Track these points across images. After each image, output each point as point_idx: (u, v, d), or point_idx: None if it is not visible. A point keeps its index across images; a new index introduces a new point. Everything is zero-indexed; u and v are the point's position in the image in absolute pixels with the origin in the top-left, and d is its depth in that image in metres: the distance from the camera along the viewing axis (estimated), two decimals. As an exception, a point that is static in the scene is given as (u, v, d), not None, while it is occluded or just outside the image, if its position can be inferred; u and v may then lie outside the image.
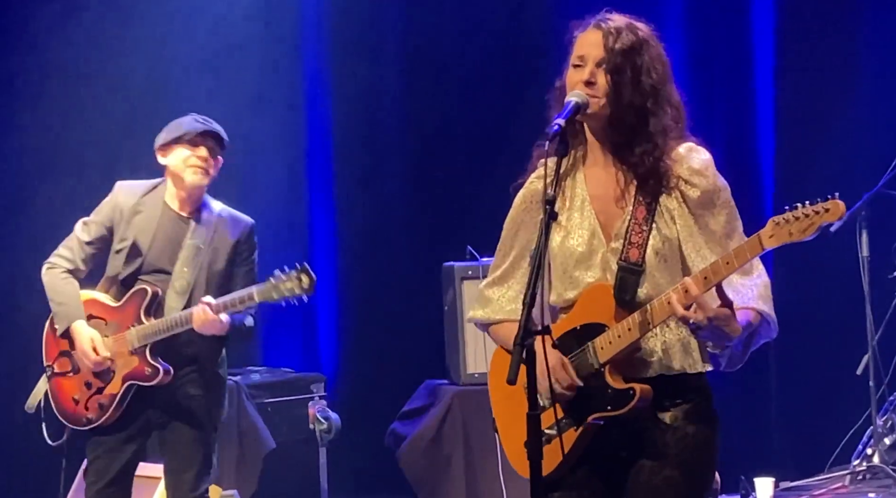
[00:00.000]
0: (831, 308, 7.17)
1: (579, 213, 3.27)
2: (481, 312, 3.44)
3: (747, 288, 3.17)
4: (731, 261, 3.03)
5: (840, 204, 2.95)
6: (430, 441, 6.37)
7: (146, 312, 4.73)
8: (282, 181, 7.66)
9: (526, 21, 7.20)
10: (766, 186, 7.39)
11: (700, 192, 3.20)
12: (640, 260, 3.17)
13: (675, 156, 3.21)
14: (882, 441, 6.57)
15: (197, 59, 7.34)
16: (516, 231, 3.38)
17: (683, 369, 3.19)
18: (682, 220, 3.20)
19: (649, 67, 3.19)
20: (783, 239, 2.98)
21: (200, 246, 4.78)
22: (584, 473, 3.24)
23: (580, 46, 3.21)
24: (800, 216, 2.97)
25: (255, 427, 6.45)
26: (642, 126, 3.18)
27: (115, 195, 4.87)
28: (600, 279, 3.21)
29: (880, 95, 7.22)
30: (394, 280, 7.66)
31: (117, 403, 4.74)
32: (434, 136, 7.70)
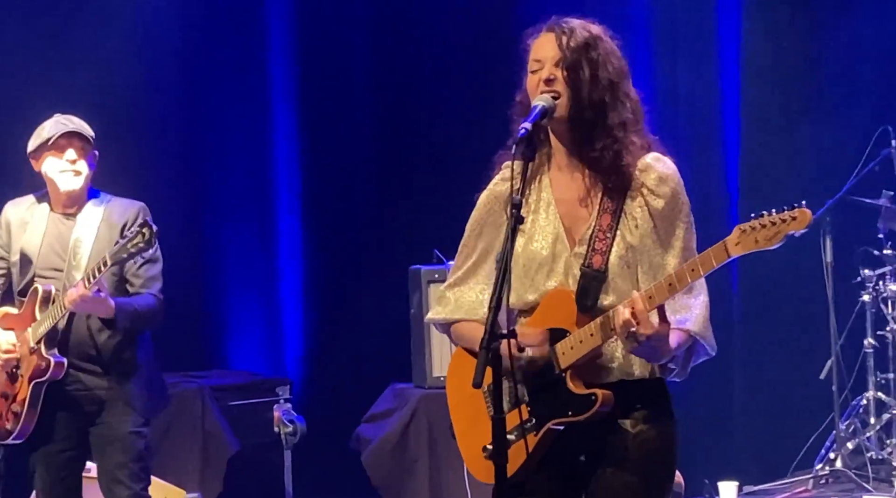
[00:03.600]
0: (795, 313, 7.21)
1: (544, 216, 3.28)
2: (441, 313, 3.44)
3: (687, 308, 3.18)
4: (696, 268, 3.04)
5: (807, 212, 2.96)
6: (396, 444, 6.36)
7: (40, 309, 4.74)
8: (249, 184, 7.64)
9: (494, 26, 7.20)
10: (730, 193, 7.42)
11: (664, 202, 3.21)
12: (603, 267, 3.18)
13: (642, 165, 3.22)
14: (845, 445, 6.61)
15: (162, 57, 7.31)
16: (479, 233, 3.39)
17: (643, 375, 3.21)
18: (644, 229, 3.21)
19: (605, 61, 3.21)
20: (749, 247, 2.99)
21: (88, 236, 4.76)
22: (545, 477, 3.25)
23: (535, 51, 3.24)
24: (766, 224, 2.98)
25: (219, 429, 6.43)
26: (601, 120, 3.20)
27: (3, 214, 4.93)
28: (562, 284, 3.22)
29: (844, 103, 7.27)
30: (360, 283, 7.65)
31: (28, 407, 4.71)
32: (401, 140, 7.70)
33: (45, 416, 4.75)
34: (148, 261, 4.77)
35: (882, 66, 7.29)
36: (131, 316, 4.72)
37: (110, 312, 4.65)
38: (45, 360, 4.69)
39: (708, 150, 7.45)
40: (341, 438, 6.80)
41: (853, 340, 6.80)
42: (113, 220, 4.82)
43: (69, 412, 4.78)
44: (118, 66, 7.06)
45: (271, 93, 7.73)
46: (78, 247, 4.78)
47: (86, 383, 4.78)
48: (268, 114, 7.73)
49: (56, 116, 4.88)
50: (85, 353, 4.77)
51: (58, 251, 4.80)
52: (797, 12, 7.39)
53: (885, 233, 6.69)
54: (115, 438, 4.78)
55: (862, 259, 6.74)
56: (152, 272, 4.84)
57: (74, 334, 4.75)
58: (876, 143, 6.73)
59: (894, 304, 6.62)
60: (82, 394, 4.78)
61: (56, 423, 4.77)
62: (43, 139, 4.79)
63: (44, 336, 4.70)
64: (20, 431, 4.74)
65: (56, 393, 4.74)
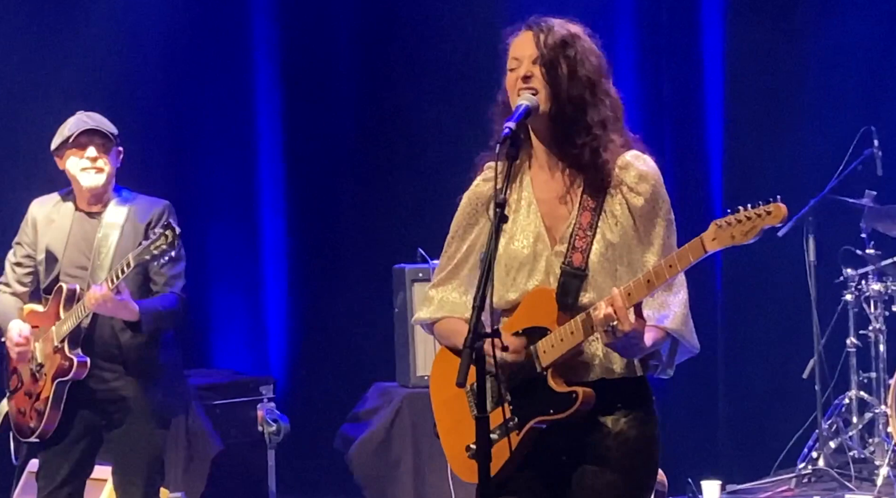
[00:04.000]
0: (778, 312, 7.23)
1: (525, 216, 3.29)
2: (425, 313, 3.45)
3: (666, 306, 3.19)
4: (673, 264, 3.05)
5: (782, 207, 2.96)
6: (380, 443, 6.36)
7: (64, 308, 4.74)
8: (232, 182, 7.63)
9: (478, 26, 7.20)
10: (714, 193, 7.44)
11: (644, 200, 3.22)
12: (584, 265, 3.19)
13: (622, 163, 3.23)
14: (827, 444, 6.64)
15: (146, 58, 7.29)
16: (462, 233, 3.39)
17: (624, 373, 3.22)
18: (624, 227, 3.22)
19: (583, 58, 3.22)
20: (725, 242, 3.00)
21: (112, 235, 4.77)
22: (528, 476, 3.25)
23: (514, 49, 3.25)
24: (742, 219, 2.99)
25: (202, 429, 6.42)
26: (581, 118, 3.21)
27: (30, 212, 4.96)
28: (543, 282, 3.23)
29: (827, 103, 7.29)
30: (344, 282, 7.65)
31: (52, 406, 4.72)
32: (385, 140, 7.70)
33: (65, 412, 4.75)
34: (171, 259, 4.76)
35: (865, 66, 7.31)
36: (155, 317, 4.73)
37: (134, 316, 4.66)
38: (69, 359, 4.69)
39: (692, 151, 7.47)
40: (325, 438, 6.80)
41: (836, 339, 6.82)
42: (137, 219, 4.83)
43: (89, 410, 4.79)
44: (102, 68, 7.05)
45: (255, 92, 7.72)
46: (102, 246, 4.78)
47: (108, 383, 4.77)
48: (251, 113, 7.72)
49: (78, 114, 4.90)
50: (108, 352, 4.77)
51: (83, 250, 4.81)
52: (781, 14, 7.41)
53: (867, 232, 6.71)
54: (131, 438, 4.78)
55: (844, 259, 6.76)
56: (175, 271, 4.85)
57: (98, 334, 4.75)
58: (859, 143, 6.75)
59: (877, 303, 6.65)
60: (103, 393, 4.78)
61: (74, 419, 4.77)
62: (64, 137, 4.81)
63: (67, 335, 4.70)
64: (43, 430, 4.75)
65: (78, 391, 4.75)
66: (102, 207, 4.86)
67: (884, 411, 6.48)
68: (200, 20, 7.45)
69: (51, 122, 6.87)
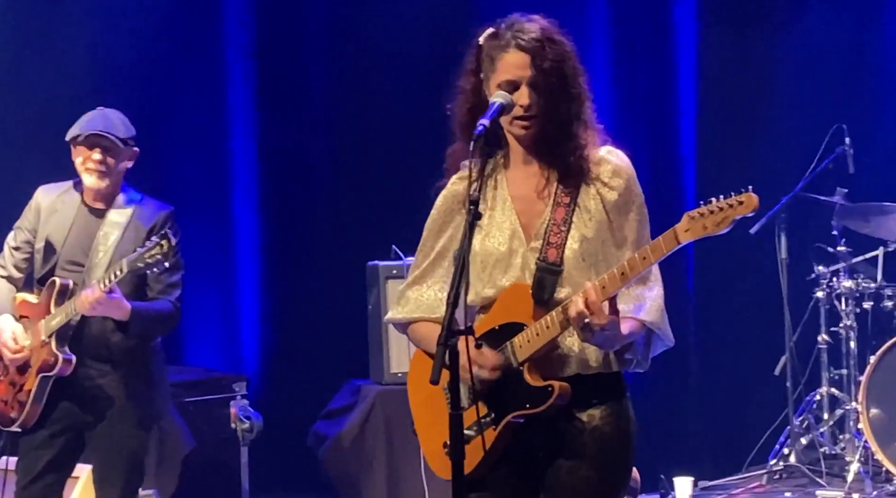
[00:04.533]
0: (750, 309, 7.26)
1: (500, 213, 3.30)
2: (400, 312, 3.44)
3: (642, 299, 3.20)
4: (647, 255, 3.06)
5: (753, 197, 2.99)
6: (353, 441, 6.36)
7: (56, 303, 4.72)
8: (206, 178, 7.60)
9: (451, 22, 7.20)
10: (687, 190, 7.47)
11: (618, 194, 3.23)
12: (559, 260, 3.20)
13: (595, 158, 3.25)
14: (798, 441, 6.67)
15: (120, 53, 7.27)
16: (437, 232, 3.39)
17: (600, 368, 3.23)
18: (597, 221, 3.23)
19: (573, 73, 3.23)
20: (698, 233, 3.02)
21: (113, 236, 4.75)
22: (504, 472, 3.26)
23: (507, 70, 3.20)
24: (714, 210, 3.01)
25: (175, 426, 6.40)
26: (567, 129, 3.22)
27: (35, 198, 4.92)
28: (519, 279, 3.24)
29: (798, 102, 7.33)
30: (318, 279, 7.64)
31: (34, 399, 4.70)
32: (359, 136, 7.68)
33: (48, 406, 4.73)
34: (169, 268, 4.74)
35: (836, 65, 7.36)
36: (146, 320, 4.71)
37: (125, 316, 4.64)
38: (54, 356, 4.67)
39: (665, 149, 7.50)
40: (299, 435, 6.79)
41: (807, 336, 6.86)
42: (140, 223, 4.80)
43: (72, 405, 4.75)
44: (74, 62, 7.02)
45: (228, 88, 7.70)
46: (101, 244, 4.75)
47: (94, 380, 4.75)
48: (225, 109, 7.69)
49: (98, 110, 4.88)
50: (97, 351, 4.74)
51: (83, 246, 4.78)
52: (753, 12, 7.44)
53: (838, 230, 6.75)
54: (113, 438, 4.75)
55: (816, 256, 6.79)
56: (172, 279, 4.82)
57: (88, 331, 4.72)
58: (830, 141, 6.78)
59: (848, 300, 6.68)
60: (89, 390, 4.75)
61: (57, 413, 4.74)
62: (75, 133, 4.78)
63: (56, 331, 4.67)
64: (23, 421, 4.72)
65: (63, 386, 4.72)
66: (108, 206, 4.83)
67: (854, 408, 6.51)
68: (174, 14, 7.42)
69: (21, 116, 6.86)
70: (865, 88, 7.32)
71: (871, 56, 7.36)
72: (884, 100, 7.31)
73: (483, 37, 3.28)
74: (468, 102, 3.29)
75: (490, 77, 3.24)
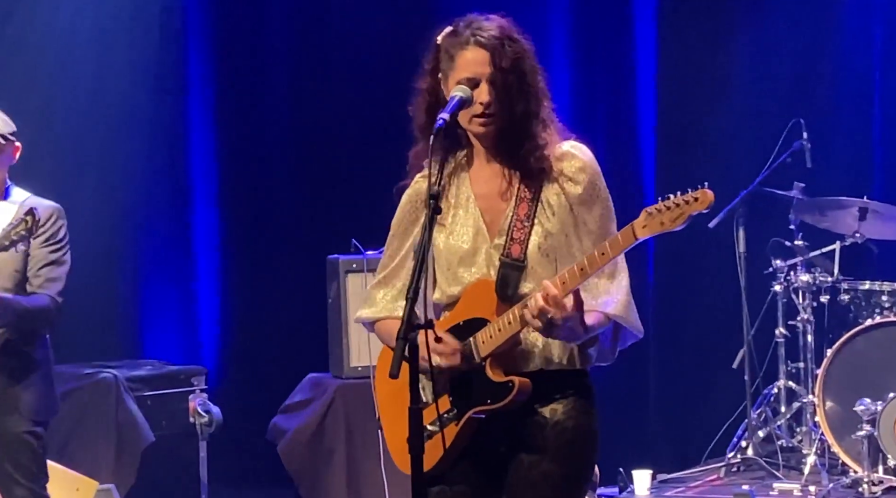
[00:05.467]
0: (708, 303, 7.30)
1: (464, 211, 3.30)
2: (366, 311, 3.45)
3: (608, 293, 3.21)
4: (605, 251, 3.08)
5: (708, 193, 3.01)
6: (312, 435, 6.34)
7: None
8: (164, 173, 7.56)
9: (412, 19, 7.19)
10: (646, 185, 7.50)
11: (581, 188, 3.24)
12: (522, 256, 3.21)
13: (558, 153, 3.26)
14: (756, 434, 6.71)
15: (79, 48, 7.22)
16: (403, 231, 3.40)
17: (563, 364, 3.23)
18: (561, 215, 3.24)
19: (532, 71, 3.24)
20: (655, 229, 3.03)
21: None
22: (465, 467, 3.27)
23: (466, 67, 3.20)
24: (671, 206, 3.02)
25: (133, 420, 6.36)
26: (527, 127, 3.22)
27: None
28: (484, 275, 3.24)
29: (756, 97, 7.37)
30: (277, 273, 7.61)
31: None
32: (319, 129, 7.66)
33: None
34: (52, 262, 4.67)
35: (794, 60, 7.40)
36: (18, 313, 4.59)
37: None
38: None
39: (624, 144, 7.52)
40: (258, 429, 6.77)
41: (765, 329, 6.89)
42: None
43: None
44: (34, 63, 6.98)
45: (187, 82, 7.65)
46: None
47: None
48: (184, 103, 7.65)
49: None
50: None
51: None
52: (712, 7, 7.47)
53: (796, 224, 6.78)
54: (8, 438, 4.67)
55: (774, 250, 6.83)
56: (53, 274, 4.72)
57: None
58: (788, 136, 6.82)
59: (805, 294, 6.72)
60: None
61: None
62: None
63: None
64: None
65: None
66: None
67: (811, 401, 6.56)
68: (133, 10, 7.37)
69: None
70: (823, 83, 7.37)
71: (829, 51, 7.40)
72: (841, 95, 7.36)
73: (441, 35, 3.28)
74: (426, 102, 3.29)
75: (449, 75, 3.24)
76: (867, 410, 6.06)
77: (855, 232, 6.57)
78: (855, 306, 6.57)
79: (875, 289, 6.51)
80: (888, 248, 6.84)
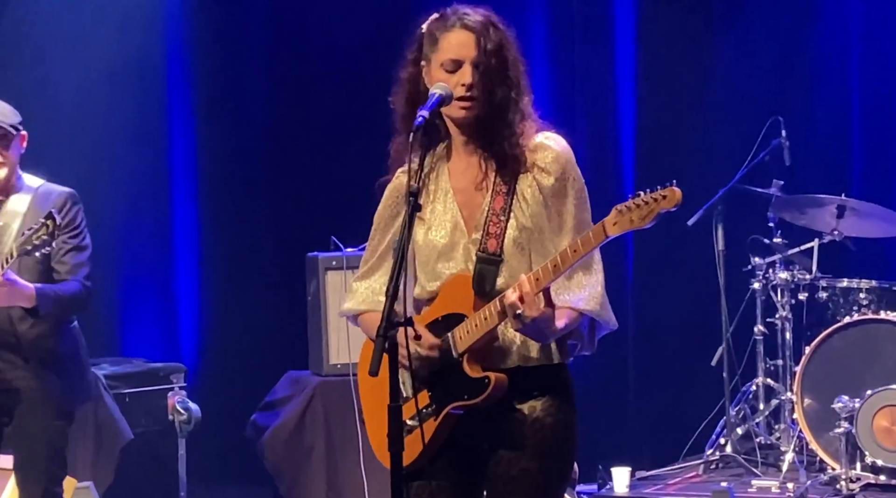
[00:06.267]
0: (687, 300, 7.31)
1: (442, 205, 3.30)
2: (349, 304, 3.46)
3: (582, 287, 3.21)
4: (577, 248, 3.08)
5: (676, 191, 3.02)
6: (292, 432, 6.34)
7: None
8: (143, 170, 7.55)
9: (391, 14, 7.19)
10: (626, 184, 7.51)
11: (554, 179, 3.24)
12: (499, 250, 3.22)
13: (533, 145, 3.26)
14: (735, 431, 6.73)
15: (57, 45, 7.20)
16: (385, 226, 3.40)
17: (542, 360, 3.24)
18: (535, 208, 3.24)
19: (514, 61, 3.24)
20: (625, 226, 3.04)
21: (14, 225, 4.69)
22: (445, 463, 3.27)
23: (450, 49, 3.22)
24: (640, 204, 3.03)
25: (112, 418, 6.35)
26: (505, 116, 3.23)
27: None
28: (462, 271, 3.25)
29: (735, 95, 7.38)
30: (257, 269, 7.61)
31: None
32: (298, 126, 7.66)
33: None
34: (74, 248, 4.70)
35: (773, 57, 7.42)
36: (54, 301, 4.64)
37: (30, 301, 4.57)
38: None
39: (604, 141, 7.52)
40: (237, 426, 6.76)
41: (744, 327, 6.91)
42: (40, 208, 4.71)
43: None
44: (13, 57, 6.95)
45: (167, 80, 7.64)
46: (4, 235, 4.67)
47: (4, 374, 4.67)
48: (163, 100, 7.64)
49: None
50: (4, 342, 4.66)
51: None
52: (691, 6, 7.49)
53: (774, 221, 6.80)
54: (30, 431, 4.69)
55: (752, 247, 6.84)
56: (78, 259, 4.76)
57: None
58: (767, 134, 6.83)
59: (783, 291, 6.74)
60: (0, 384, 4.67)
61: None
62: None
63: None
64: None
65: None
66: (5, 197, 4.77)
67: (790, 398, 6.58)
68: (113, 9, 7.35)
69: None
70: (801, 81, 7.39)
71: (808, 49, 7.42)
72: (819, 92, 7.38)
73: (427, 22, 3.30)
74: (407, 93, 3.29)
75: (431, 58, 3.24)
76: (845, 408, 6.09)
77: (833, 229, 6.60)
78: (833, 304, 6.59)
79: (853, 286, 6.53)
80: (866, 245, 6.86)
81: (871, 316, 6.36)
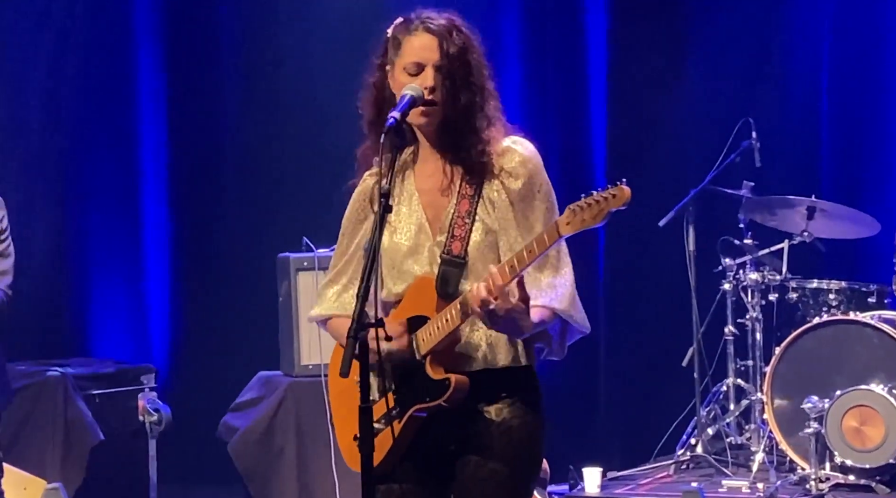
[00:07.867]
0: (658, 301, 7.33)
1: (407, 208, 3.30)
2: (317, 310, 3.46)
3: (553, 288, 3.21)
4: (532, 249, 3.08)
5: (625, 189, 3.02)
6: (263, 433, 6.32)
7: None
8: (114, 170, 7.52)
9: (363, 15, 7.18)
10: (597, 185, 7.48)
11: (521, 183, 3.25)
12: (463, 253, 3.22)
13: (500, 149, 3.27)
14: (705, 431, 6.75)
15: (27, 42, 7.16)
16: (353, 230, 3.40)
17: (509, 363, 3.24)
18: (502, 211, 3.24)
19: (478, 65, 3.24)
20: (578, 226, 3.04)
21: None
22: (412, 466, 3.27)
23: (413, 52, 3.22)
24: (591, 203, 3.03)
25: (81, 419, 6.32)
26: (471, 121, 3.23)
27: None
28: (427, 273, 3.25)
29: (706, 97, 7.40)
30: (228, 270, 7.58)
31: None
32: (270, 127, 7.64)
33: None
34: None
35: (744, 59, 7.44)
36: None
37: None
38: None
39: (575, 143, 7.53)
40: (208, 427, 6.74)
41: (714, 327, 6.93)
42: None
43: None
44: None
45: (138, 79, 7.61)
46: None
47: None
48: (134, 99, 7.61)
49: None
50: None
51: None
52: (662, 7, 7.51)
53: (745, 223, 6.82)
54: None
55: (723, 248, 6.87)
56: (1, 267, 4.69)
57: None
58: (737, 135, 6.86)
59: (754, 292, 6.76)
60: None
61: None
62: None
63: None
64: None
65: None
66: None
67: (760, 398, 6.61)
68: (83, 8, 7.32)
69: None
70: (772, 83, 7.41)
71: (777, 51, 7.45)
72: (790, 94, 7.41)
73: (392, 26, 3.29)
74: (374, 97, 3.29)
75: (395, 62, 3.24)
76: (815, 408, 6.11)
77: (803, 231, 6.62)
78: (803, 304, 6.62)
79: (823, 287, 6.56)
80: (836, 246, 6.89)
81: (840, 317, 6.38)
